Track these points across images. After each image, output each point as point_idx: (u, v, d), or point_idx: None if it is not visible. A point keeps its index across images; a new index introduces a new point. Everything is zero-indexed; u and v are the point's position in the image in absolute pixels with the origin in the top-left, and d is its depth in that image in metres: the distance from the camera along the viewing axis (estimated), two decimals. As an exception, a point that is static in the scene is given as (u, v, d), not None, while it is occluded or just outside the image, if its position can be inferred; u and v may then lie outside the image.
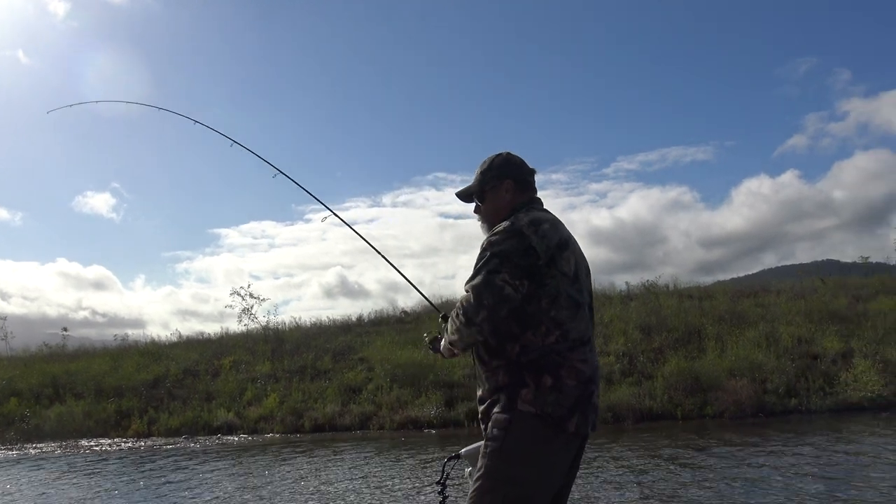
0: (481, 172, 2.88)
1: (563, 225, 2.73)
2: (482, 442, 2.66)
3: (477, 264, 2.55)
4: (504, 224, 2.61)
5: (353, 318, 22.10)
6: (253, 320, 21.26)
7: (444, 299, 22.84)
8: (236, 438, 14.29)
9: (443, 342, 2.83)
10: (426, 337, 3.12)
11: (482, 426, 2.67)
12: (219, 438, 14.34)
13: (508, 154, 2.88)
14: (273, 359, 18.17)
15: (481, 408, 2.64)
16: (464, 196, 2.95)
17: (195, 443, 13.96)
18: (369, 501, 7.85)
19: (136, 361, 19.16)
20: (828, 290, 18.03)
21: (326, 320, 22.16)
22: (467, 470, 2.85)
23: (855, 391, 12.34)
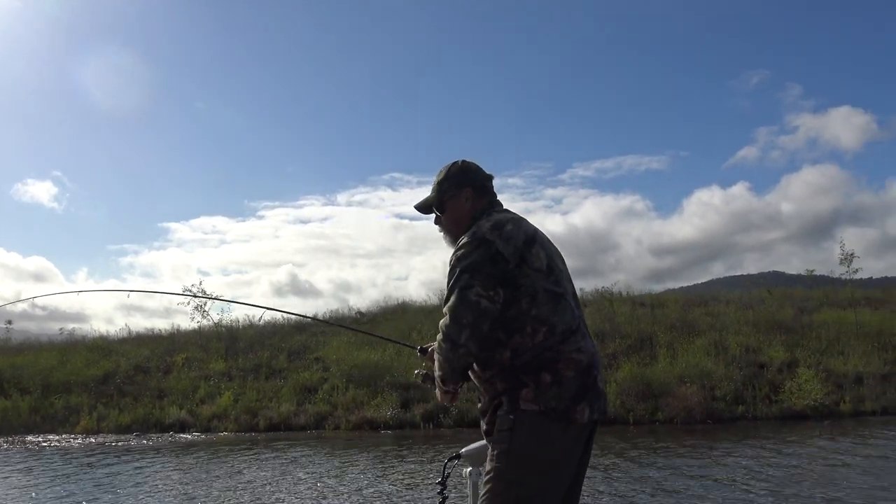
0: (438, 182, 2.83)
1: (526, 221, 2.69)
2: (482, 442, 2.63)
3: (448, 282, 2.50)
4: (467, 235, 2.56)
5: (309, 318, 22.02)
6: (205, 317, 21.02)
7: (397, 300, 23.01)
8: (189, 436, 14.14)
9: (436, 383, 2.72)
10: (417, 374, 3.00)
11: (487, 439, 2.58)
12: (171, 436, 14.18)
13: (464, 162, 2.85)
14: (227, 357, 18.02)
15: (484, 419, 2.57)
16: (423, 208, 2.89)
17: (147, 440, 13.77)
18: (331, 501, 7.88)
19: (84, 357, 18.80)
20: (774, 301, 18.62)
21: (281, 319, 22.02)
22: (466, 470, 2.82)
23: (799, 399, 12.78)
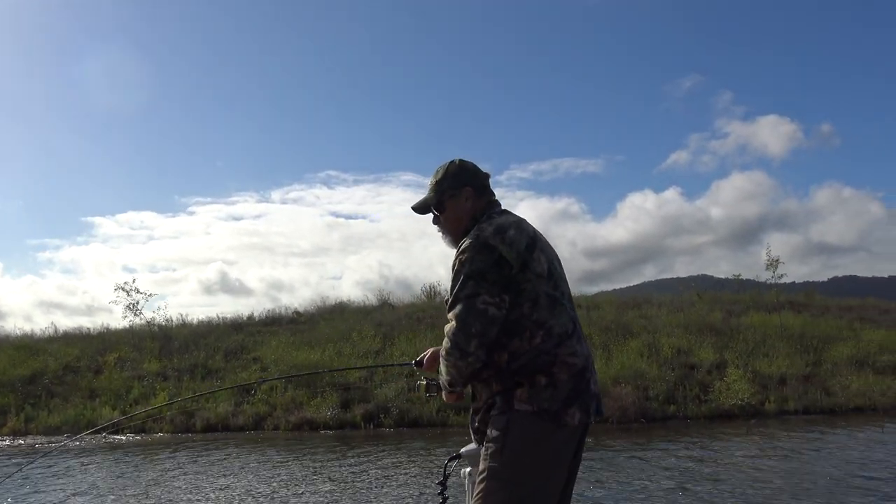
0: (437, 182, 2.78)
1: (526, 223, 2.68)
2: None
3: (453, 288, 2.51)
4: (469, 239, 2.55)
5: (244, 317, 21.79)
6: (138, 315, 20.53)
7: (335, 300, 22.92)
8: (123, 438, 13.84)
9: (441, 386, 2.74)
10: (420, 383, 2.98)
11: (475, 437, 2.64)
12: (104, 437, 13.85)
13: (461, 161, 2.82)
14: (161, 357, 17.67)
15: (476, 417, 2.60)
16: (420, 208, 2.83)
17: (79, 441, 13.43)
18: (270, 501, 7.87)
19: (9, 356, 18.18)
20: (704, 304, 19.28)
21: (216, 318, 21.72)
22: (465, 470, 2.80)
23: (727, 399, 13.26)
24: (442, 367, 2.60)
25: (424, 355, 3.00)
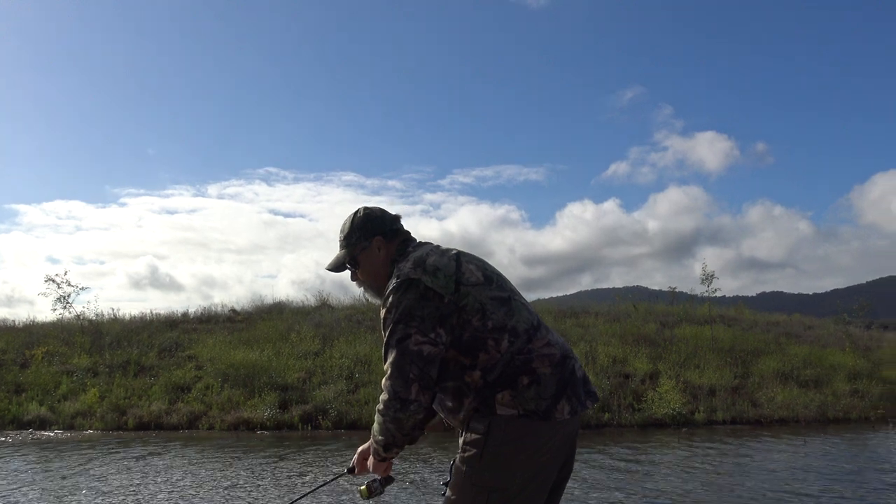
0: (345, 238, 2.67)
1: (444, 248, 2.58)
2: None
3: (385, 337, 2.39)
4: (392, 282, 2.44)
5: (179, 314, 21.38)
6: (67, 309, 19.94)
7: (273, 299, 22.64)
8: (51, 434, 13.42)
9: (370, 463, 2.60)
10: (361, 488, 2.68)
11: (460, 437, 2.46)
12: (31, 433, 13.41)
13: (365, 209, 2.70)
14: (92, 352, 17.20)
15: (461, 437, 2.43)
16: (336, 268, 2.71)
17: (4, 437, 12.98)
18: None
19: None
20: (639, 315, 19.76)
21: (149, 314, 21.25)
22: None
23: (660, 408, 13.63)
24: (377, 427, 2.44)
25: (353, 460, 2.79)
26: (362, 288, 2.74)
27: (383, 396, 2.38)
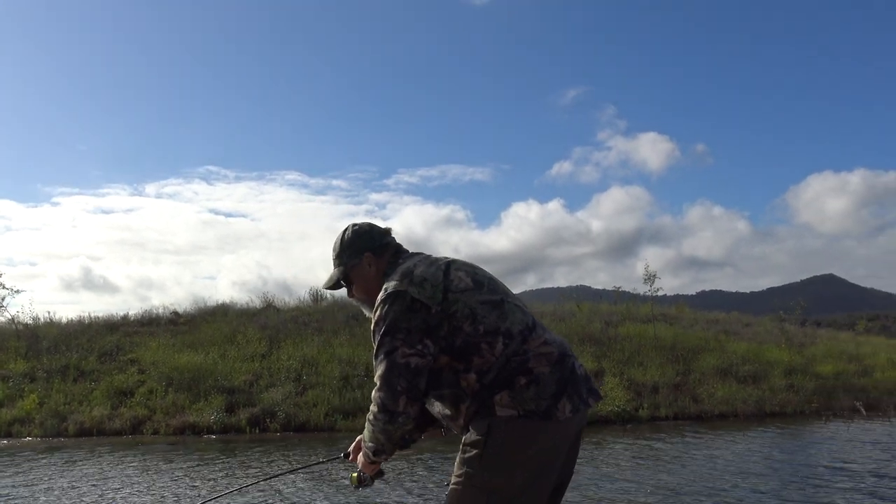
0: (336, 257, 2.71)
1: (435, 257, 2.63)
2: None
3: (374, 350, 2.43)
4: (379, 295, 2.47)
5: (119, 317, 20.87)
6: (0, 312, 19.27)
7: (217, 301, 22.30)
8: (-13, 442, 12.99)
9: (361, 460, 2.65)
10: (353, 475, 2.75)
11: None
12: (-34, 442, 12.97)
13: (353, 226, 2.73)
14: (28, 357, 16.69)
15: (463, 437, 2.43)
16: (332, 286, 2.76)
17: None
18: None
19: None
20: (584, 315, 20.07)
21: (87, 317, 20.69)
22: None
23: (605, 405, 13.89)
24: (366, 435, 2.50)
25: (352, 446, 2.86)
26: (359, 304, 2.74)
27: (372, 408, 2.41)
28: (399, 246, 2.72)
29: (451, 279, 2.46)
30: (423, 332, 2.35)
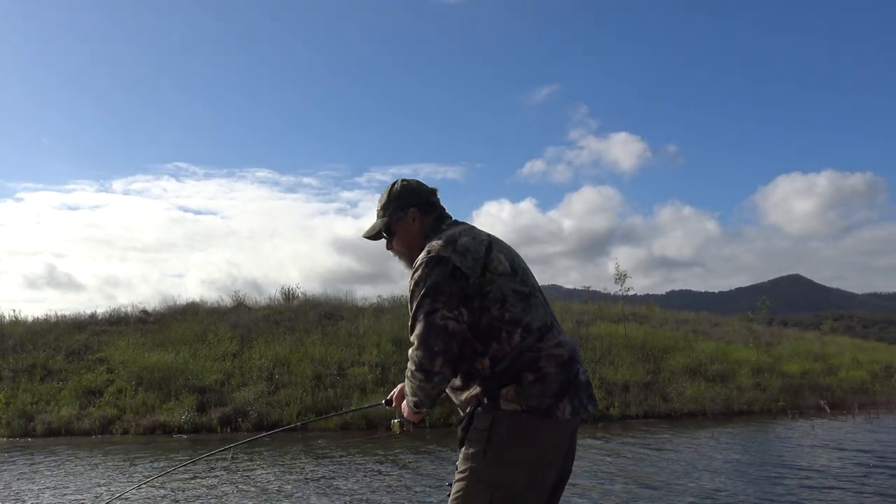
0: (382, 207, 2.77)
1: (478, 229, 2.67)
2: None
3: (411, 308, 2.47)
4: (421, 256, 2.51)
5: (87, 315, 20.61)
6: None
7: (186, 300, 22.10)
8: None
9: (405, 408, 2.74)
10: (395, 421, 2.90)
11: (460, 447, 2.51)
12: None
13: (403, 181, 2.79)
14: (-6, 356, 16.42)
15: (461, 426, 2.49)
16: (372, 236, 2.81)
17: None
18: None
19: None
20: (555, 314, 20.19)
21: (54, 315, 20.40)
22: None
23: (576, 404, 14.02)
24: (407, 389, 2.57)
25: (393, 393, 2.97)
26: (397, 256, 2.80)
27: (410, 366, 2.47)
28: (444, 209, 2.78)
29: (491, 258, 2.50)
30: (461, 300, 2.41)
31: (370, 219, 2.86)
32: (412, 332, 2.46)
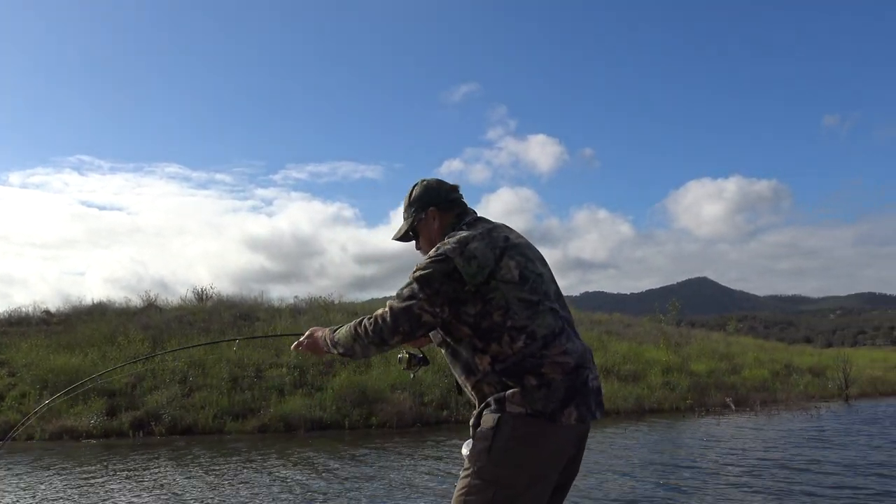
0: (405, 209, 2.86)
1: (497, 231, 2.67)
2: None
3: (402, 286, 2.56)
4: (432, 251, 2.59)
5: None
6: None
7: (79, 298, 21.31)
8: None
9: (327, 337, 2.76)
10: (402, 356, 3.01)
11: (472, 432, 2.54)
12: None
13: (423, 182, 2.86)
14: None
15: (472, 422, 2.53)
16: (402, 238, 2.90)
17: None
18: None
19: None
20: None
21: (-47, 317, 19.37)
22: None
23: (494, 405, 14.23)
24: (343, 337, 2.66)
25: (304, 335, 2.94)
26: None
27: (367, 324, 2.56)
28: (465, 205, 2.83)
29: (500, 267, 2.53)
30: (448, 300, 2.49)
31: (285, 216, 2.86)
32: (392, 301, 2.55)
